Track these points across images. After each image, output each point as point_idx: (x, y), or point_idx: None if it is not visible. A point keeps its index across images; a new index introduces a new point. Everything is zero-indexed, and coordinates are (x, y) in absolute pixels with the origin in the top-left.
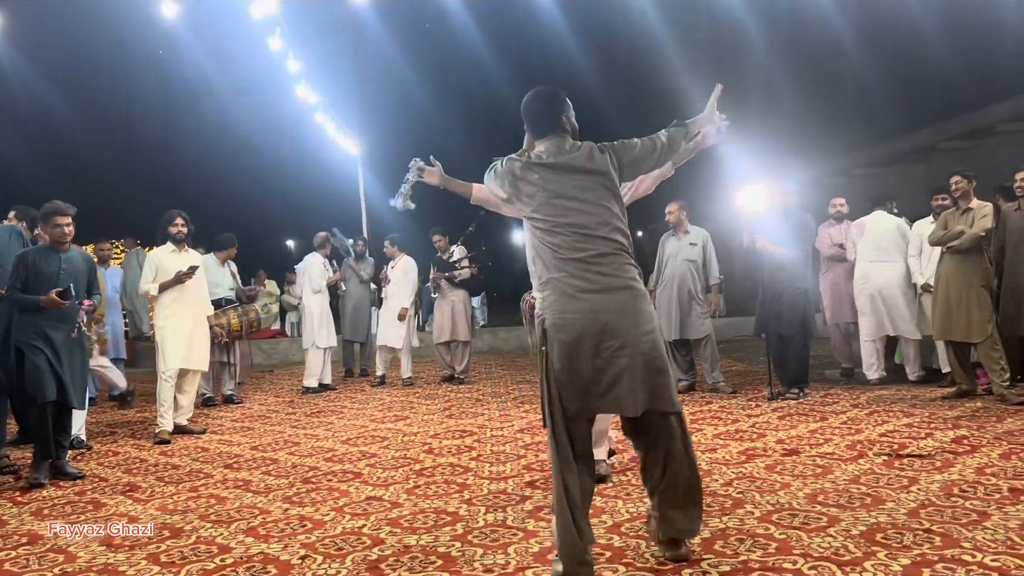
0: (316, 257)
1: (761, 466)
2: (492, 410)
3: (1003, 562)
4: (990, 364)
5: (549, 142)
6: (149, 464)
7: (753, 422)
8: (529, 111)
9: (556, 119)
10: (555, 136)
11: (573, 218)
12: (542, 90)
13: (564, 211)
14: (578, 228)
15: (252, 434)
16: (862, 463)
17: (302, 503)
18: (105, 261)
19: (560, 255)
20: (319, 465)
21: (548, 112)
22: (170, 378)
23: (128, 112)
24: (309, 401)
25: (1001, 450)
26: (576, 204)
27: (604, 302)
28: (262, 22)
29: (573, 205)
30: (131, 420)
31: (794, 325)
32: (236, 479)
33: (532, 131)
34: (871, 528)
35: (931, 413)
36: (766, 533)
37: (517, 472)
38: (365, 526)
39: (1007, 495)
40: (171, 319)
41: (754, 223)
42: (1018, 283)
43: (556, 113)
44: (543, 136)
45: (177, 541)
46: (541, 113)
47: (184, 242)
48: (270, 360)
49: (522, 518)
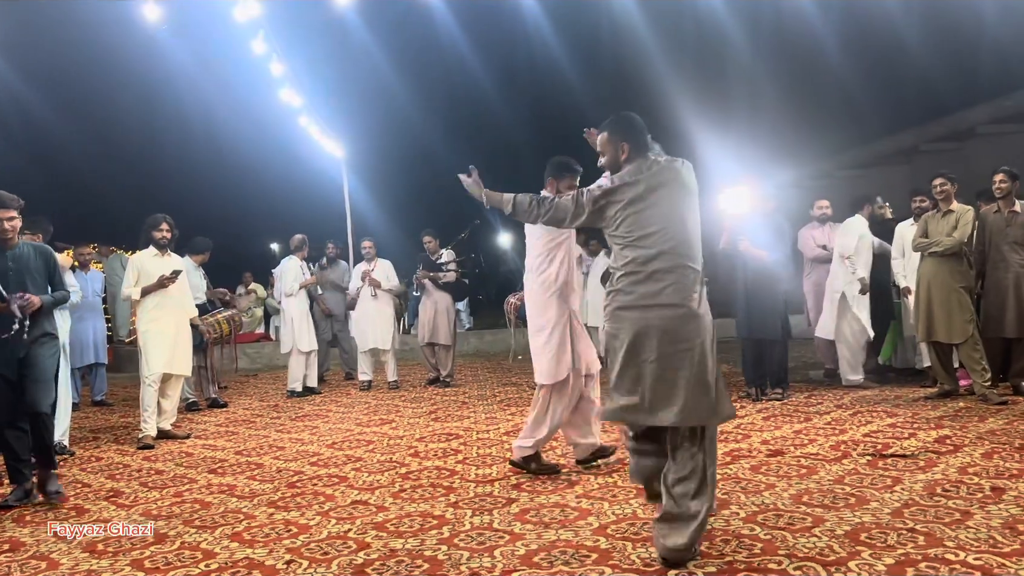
0: (293, 260)
1: (746, 467)
2: (478, 413)
3: (985, 560)
4: (971, 365)
5: (643, 161)
6: (132, 469)
7: (738, 423)
8: (634, 128)
9: (644, 140)
10: (644, 157)
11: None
12: (627, 115)
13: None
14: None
15: (236, 438)
16: (846, 463)
17: (287, 508)
18: (85, 265)
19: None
20: (304, 469)
21: (643, 129)
22: (154, 383)
23: (109, 115)
24: (294, 405)
25: (983, 449)
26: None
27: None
28: (245, 25)
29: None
30: (114, 425)
31: (775, 328)
32: (220, 484)
33: (633, 147)
34: (855, 528)
35: (914, 413)
36: (751, 534)
37: (503, 475)
38: (351, 530)
39: (989, 494)
40: (154, 323)
41: (734, 225)
42: (998, 284)
43: (641, 134)
44: (641, 154)
45: (161, 547)
46: (642, 129)
47: (168, 247)
48: (254, 364)
49: (508, 521)
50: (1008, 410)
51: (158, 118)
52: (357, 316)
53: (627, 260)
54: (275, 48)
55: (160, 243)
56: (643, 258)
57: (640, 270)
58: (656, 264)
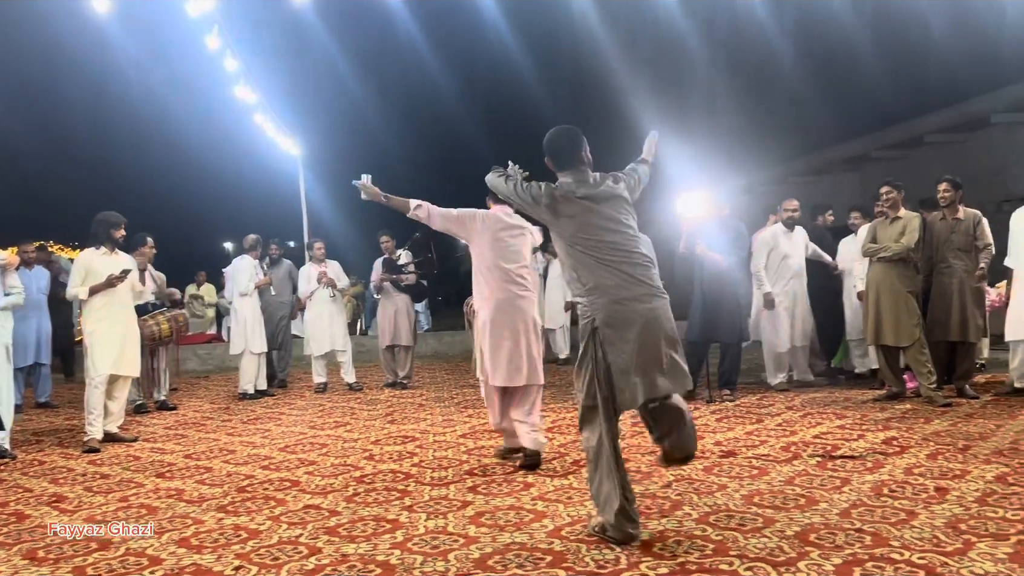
0: (245, 260)
1: (699, 468)
2: (435, 415)
3: (929, 560)
4: (918, 368)
5: (577, 174)
6: (77, 473)
7: None
8: (553, 147)
9: (578, 154)
10: (578, 170)
11: (610, 237)
12: (564, 128)
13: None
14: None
15: (186, 442)
16: (796, 464)
17: (237, 512)
18: (29, 263)
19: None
20: (255, 473)
21: (575, 149)
22: (100, 384)
23: (57, 111)
24: (245, 408)
25: (928, 451)
26: (617, 224)
27: (651, 301)
28: (199, 19)
29: (611, 226)
30: (59, 428)
31: (732, 332)
32: (168, 488)
33: (555, 164)
34: (805, 529)
35: (862, 415)
36: (703, 535)
37: (459, 478)
38: (302, 535)
39: (934, 494)
40: (101, 323)
41: (691, 230)
42: (943, 290)
43: (578, 150)
44: (569, 167)
45: (105, 553)
46: (565, 148)
47: (118, 245)
48: (205, 365)
49: (463, 524)
50: (952, 412)
51: (108, 112)
52: (311, 318)
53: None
54: (229, 44)
55: (118, 242)
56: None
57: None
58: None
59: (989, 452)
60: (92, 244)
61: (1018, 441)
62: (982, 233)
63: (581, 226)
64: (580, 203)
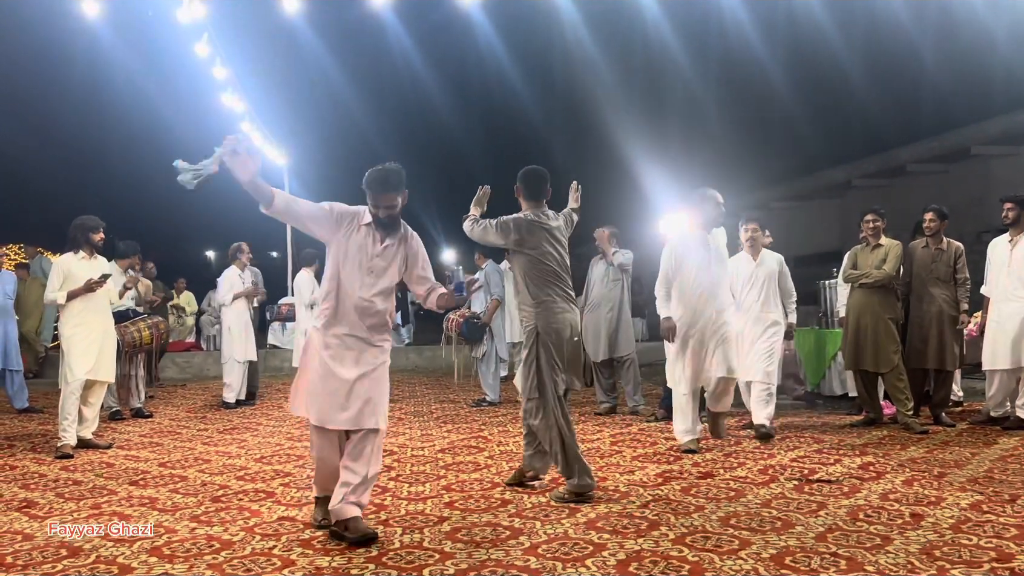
0: (231, 270)
1: (677, 488)
2: (414, 429)
3: None
4: (895, 394)
5: (538, 207)
6: (49, 479)
7: (671, 444)
8: (528, 180)
9: (544, 192)
10: (539, 203)
11: (554, 263)
12: (539, 169)
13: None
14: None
15: (161, 450)
16: (773, 487)
17: (210, 523)
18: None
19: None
20: (230, 483)
21: (542, 186)
22: (76, 389)
23: (45, 118)
24: (222, 417)
25: (904, 476)
26: (559, 252)
27: (574, 313)
28: (189, 26)
29: (556, 253)
30: (32, 433)
31: None
32: (142, 496)
33: (525, 194)
34: (781, 552)
35: (840, 440)
36: (680, 556)
37: (436, 492)
38: (276, 547)
39: (908, 520)
40: (79, 328)
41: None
42: (922, 318)
43: (545, 188)
44: (534, 200)
45: (75, 560)
46: (538, 185)
47: (96, 249)
48: (183, 374)
49: (439, 540)
50: (929, 439)
51: (96, 117)
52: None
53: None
54: (219, 51)
55: (98, 246)
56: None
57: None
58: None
59: (964, 480)
60: (71, 248)
61: (993, 470)
62: (963, 267)
63: (539, 251)
64: (542, 232)
